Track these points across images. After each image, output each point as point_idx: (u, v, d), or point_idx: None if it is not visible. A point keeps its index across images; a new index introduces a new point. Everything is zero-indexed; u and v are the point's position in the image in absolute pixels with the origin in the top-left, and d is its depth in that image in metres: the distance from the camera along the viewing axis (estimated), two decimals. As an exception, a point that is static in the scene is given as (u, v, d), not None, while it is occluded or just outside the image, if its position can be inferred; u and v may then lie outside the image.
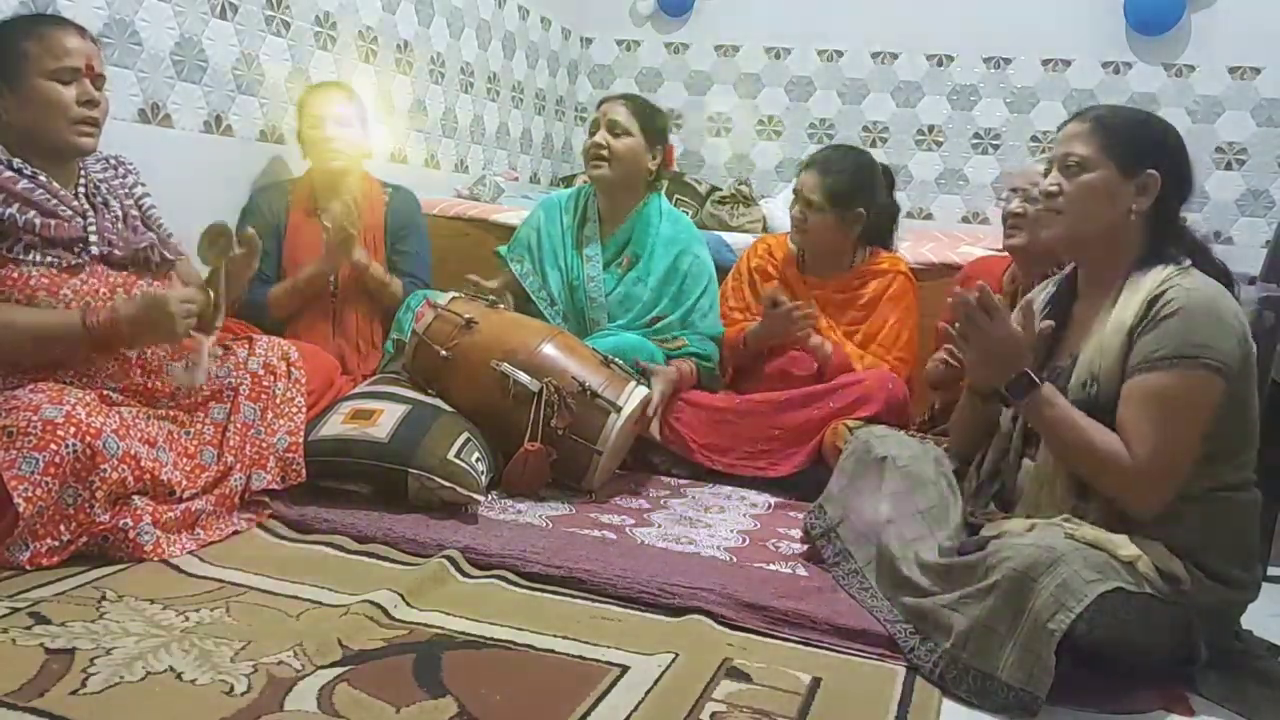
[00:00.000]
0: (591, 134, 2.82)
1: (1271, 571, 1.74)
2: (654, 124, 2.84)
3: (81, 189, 1.97)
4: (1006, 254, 2.53)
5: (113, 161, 2.09)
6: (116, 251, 1.96)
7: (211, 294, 2.00)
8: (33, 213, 1.85)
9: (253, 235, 2.09)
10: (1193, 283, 1.64)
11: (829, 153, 2.85)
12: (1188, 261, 1.70)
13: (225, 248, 2.03)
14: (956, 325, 1.73)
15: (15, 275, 1.84)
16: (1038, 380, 1.68)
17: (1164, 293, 1.63)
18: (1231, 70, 4.19)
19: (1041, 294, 1.93)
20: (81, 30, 1.94)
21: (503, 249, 2.99)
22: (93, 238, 1.92)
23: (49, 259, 1.87)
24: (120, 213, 2.02)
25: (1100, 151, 1.72)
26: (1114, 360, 1.66)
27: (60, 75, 1.87)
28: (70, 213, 1.91)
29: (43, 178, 1.89)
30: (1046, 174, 1.79)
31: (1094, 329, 1.73)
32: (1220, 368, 1.58)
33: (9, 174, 1.85)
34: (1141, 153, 1.72)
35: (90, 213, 1.94)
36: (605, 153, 2.77)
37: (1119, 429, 1.63)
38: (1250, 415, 1.67)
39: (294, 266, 2.74)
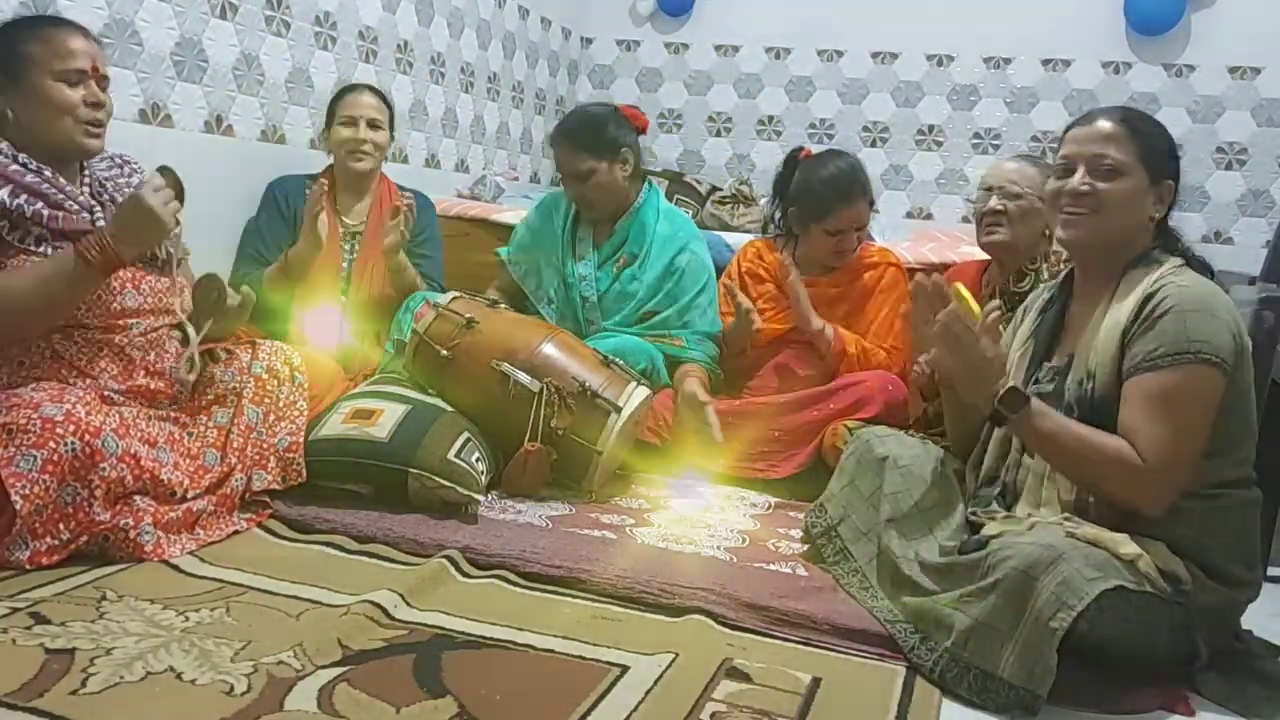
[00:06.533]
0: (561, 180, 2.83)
1: (1272, 571, 1.74)
2: (604, 141, 2.76)
3: (86, 187, 1.97)
4: (980, 256, 2.57)
5: (118, 160, 2.09)
6: None
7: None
8: (41, 204, 1.85)
9: (249, 293, 2.11)
10: (1185, 280, 1.66)
11: (825, 157, 2.85)
12: (1180, 260, 1.72)
13: (219, 301, 2.03)
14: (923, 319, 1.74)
15: (27, 263, 1.83)
16: (1025, 395, 1.66)
17: (1157, 291, 1.65)
18: (1231, 70, 4.19)
19: (1037, 300, 1.94)
20: (85, 31, 1.94)
21: (502, 250, 2.99)
22: None
23: (58, 249, 1.87)
24: None
25: (1136, 159, 1.72)
26: (1110, 358, 1.67)
27: (67, 77, 1.86)
28: (77, 207, 1.91)
29: (48, 173, 1.88)
30: (1071, 172, 1.74)
31: (1090, 328, 1.74)
32: (1219, 362, 1.59)
33: (15, 167, 1.84)
34: (1165, 162, 1.75)
35: (98, 208, 1.94)
36: (585, 198, 2.81)
37: (1124, 431, 1.63)
38: (1248, 410, 1.68)
39: None
